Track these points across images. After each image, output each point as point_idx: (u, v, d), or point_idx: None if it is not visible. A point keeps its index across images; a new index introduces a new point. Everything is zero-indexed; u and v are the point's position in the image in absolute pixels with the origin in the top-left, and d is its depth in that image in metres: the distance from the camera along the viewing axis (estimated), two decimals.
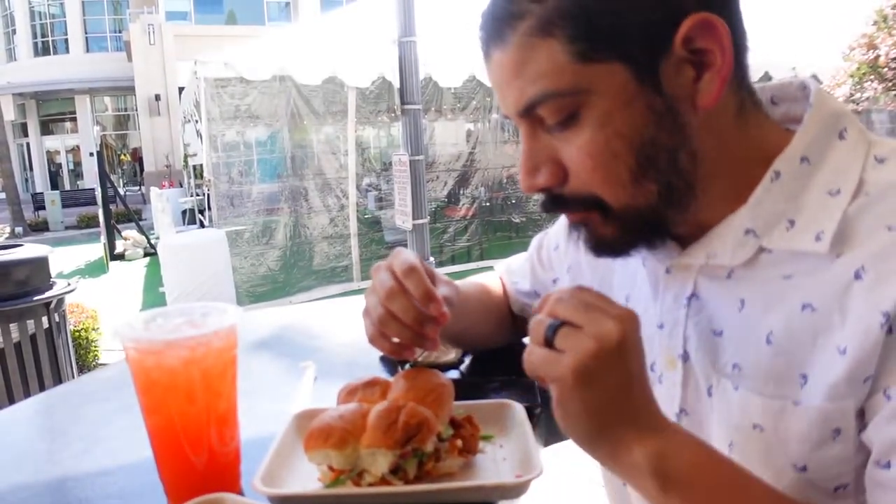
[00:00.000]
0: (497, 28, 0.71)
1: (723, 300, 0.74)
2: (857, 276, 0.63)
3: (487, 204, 9.67)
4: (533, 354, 0.65)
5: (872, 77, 7.66)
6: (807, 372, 0.66)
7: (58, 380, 3.42)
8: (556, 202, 0.75)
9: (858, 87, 7.83)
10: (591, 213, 0.73)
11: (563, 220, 1.13)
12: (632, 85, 0.67)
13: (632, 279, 0.89)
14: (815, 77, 8.70)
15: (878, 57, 7.50)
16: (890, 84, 7.64)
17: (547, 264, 1.15)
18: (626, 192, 0.70)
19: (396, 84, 4.54)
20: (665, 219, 0.73)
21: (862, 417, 0.64)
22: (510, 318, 1.25)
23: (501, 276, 1.28)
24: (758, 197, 0.71)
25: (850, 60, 7.94)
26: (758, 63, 8.12)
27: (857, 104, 8.24)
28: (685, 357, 0.78)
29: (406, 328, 0.86)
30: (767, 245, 0.70)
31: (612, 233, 0.74)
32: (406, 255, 0.89)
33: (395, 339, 0.88)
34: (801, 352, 0.67)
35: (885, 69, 7.47)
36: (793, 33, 8.71)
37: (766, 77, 7.16)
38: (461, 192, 9.27)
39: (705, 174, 0.71)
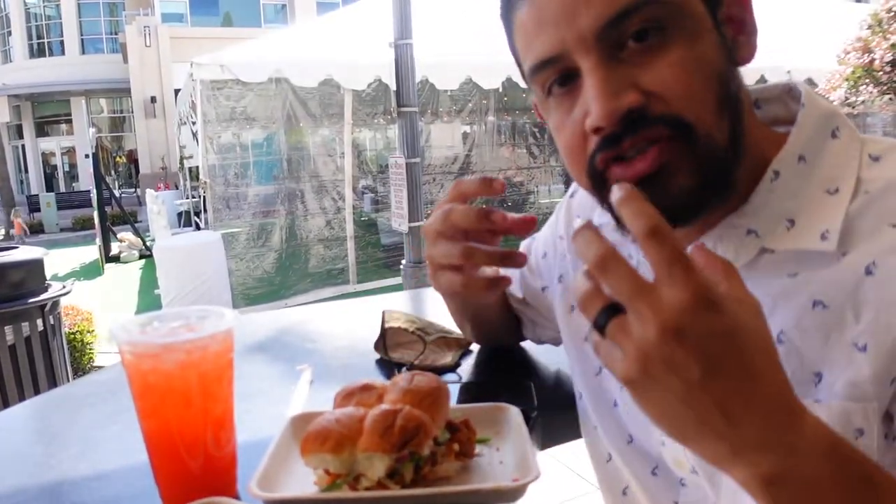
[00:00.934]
0: None
1: None
2: (868, 271, 0.63)
3: (484, 206, 9.67)
4: (598, 347, 0.55)
5: (867, 80, 7.68)
6: (821, 370, 0.65)
7: (52, 382, 3.41)
8: (636, 124, 0.66)
9: (854, 90, 7.85)
10: (672, 140, 0.66)
11: (549, 228, 1.12)
12: (706, 16, 0.67)
13: None
14: (810, 80, 8.72)
15: (872, 61, 7.52)
16: (885, 88, 7.66)
17: (536, 271, 1.13)
18: (713, 118, 0.66)
19: (393, 86, 4.54)
20: (730, 167, 0.69)
21: (889, 420, 0.63)
22: (514, 319, 1.24)
23: None
24: (758, 197, 0.71)
25: (845, 64, 7.95)
26: (753, 67, 8.13)
27: (853, 107, 8.25)
28: None
29: (486, 245, 0.83)
30: (769, 245, 0.70)
31: (688, 180, 0.67)
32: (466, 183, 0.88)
33: (481, 272, 0.85)
34: (813, 350, 0.66)
35: (880, 73, 7.49)
36: (788, 37, 8.73)
37: (762, 81, 7.18)
38: None
39: (743, 145, 0.71)
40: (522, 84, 0.79)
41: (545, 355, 1.32)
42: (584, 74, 0.67)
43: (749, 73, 0.74)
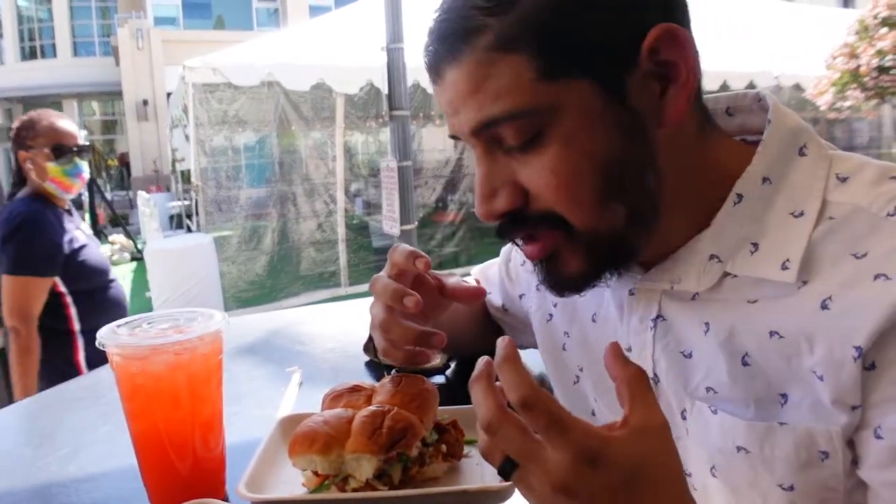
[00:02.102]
0: (450, 45, 0.66)
1: (689, 322, 0.73)
2: (824, 306, 0.62)
3: (474, 210, 9.68)
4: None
5: (854, 86, 7.72)
6: (786, 391, 0.65)
7: (44, 385, 3.39)
8: (516, 223, 0.70)
9: (840, 95, 7.90)
10: (555, 232, 0.68)
11: None
12: (598, 101, 0.64)
13: (598, 298, 0.86)
14: (798, 86, 8.78)
15: (859, 66, 7.57)
16: (871, 93, 7.71)
17: (514, 278, 1.12)
18: (592, 213, 0.67)
19: (385, 90, 4.54)
20: (631, 242, 0.70)
21: (852, 447, 0.63)
22: (491, 325, 1.23)
23: (478, 280, 1.25)
24: (721, 221, 0.70)
25: (832, 69, 8.00)
26: (741, 72, 8.21)
27: (840, 112, 8.31)
28: (655, 380, 0.76)
29: (411, 331, 0.83)
30: (731, 270, 0.69)
31: (579, 263, 0.70)
32: (398, 253, 0.86)
33: (407, 347, 0.84)
34: (777, 372, 0.66)
35: (867, 78, 7.54)
36: (776, 42, 8.79)
37: (751, 86, 7.22)
38: (449, 197, 9.27)
39: (669, 195, 0.69)
40: None
41: (532, 357, 1.33)
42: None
43: (737, 78, 0.74)
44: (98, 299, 2.57)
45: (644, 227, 0.69)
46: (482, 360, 0.58)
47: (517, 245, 0.75)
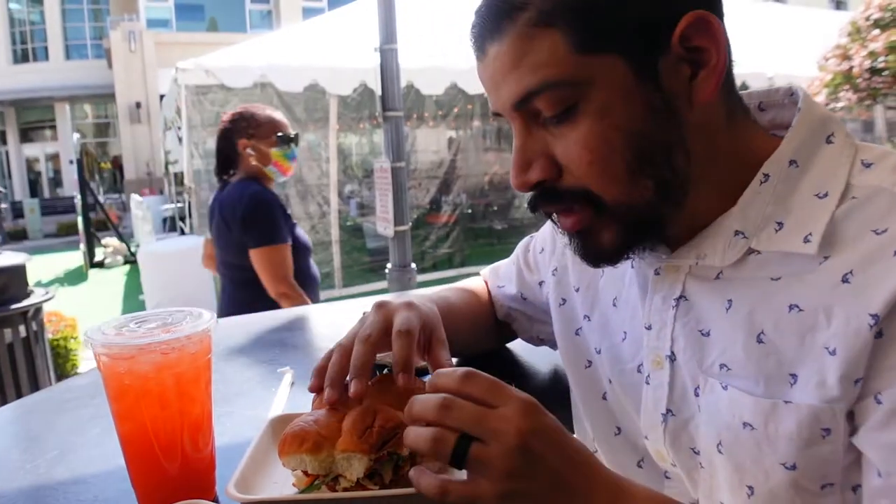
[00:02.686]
0: (495, 22, 0.70)
1: (711, 301, 0.75)
2: (845, 279, 0.64)
3: (469, 211, 9.70)
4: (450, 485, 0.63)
5: (846, 87, 7.75)
6: (796, 371, 0.67)
7: (35, 389, 3.38)
8: (547, 197, 0.74)
9: (833, 96, 7.92)
10: (585, 209, 0.72)
11: (550, 224, 1.13)
12: (630, 79, 0.67)
13: (620, 281, 0.89)
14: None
15: (851, 67, 7.60)
16: (863, 94, 7.74)
17: (534, 267, 1.15)
18: (622, 187, 0.70)
19: (378, 92, 4.54)
20: (660, 217, 0.73)
21: (851, 419, 0.64)
22: (495, 324, 1.24)
23: (486, 280, 1.28)
24: (747, 199, 0.72)
25: (825, 70, 8.03)
26: (735, 73, 8.20)
27: (833, 113, 8.34)
28: (672, 357, 0.78)
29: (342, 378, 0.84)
30: (756, 246, 0.71)
31: (610, 237, 0.73)
32: (406, 317, 0.89)
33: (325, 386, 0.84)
34: (789, 351, 0.67)
35: (859, 79, 7.57)
36: (770, 43, 8.82)
37: (744, 87, 7.25)
38: (443, 199, 9.29)
39: (697, 174, 0.72)
40: None
41: (526, 356, 1.33)
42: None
43: None
44: (303, 276, 2.76)
45: (673, 204, 0.72)
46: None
47: (553, 221, 0.79)
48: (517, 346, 1.33)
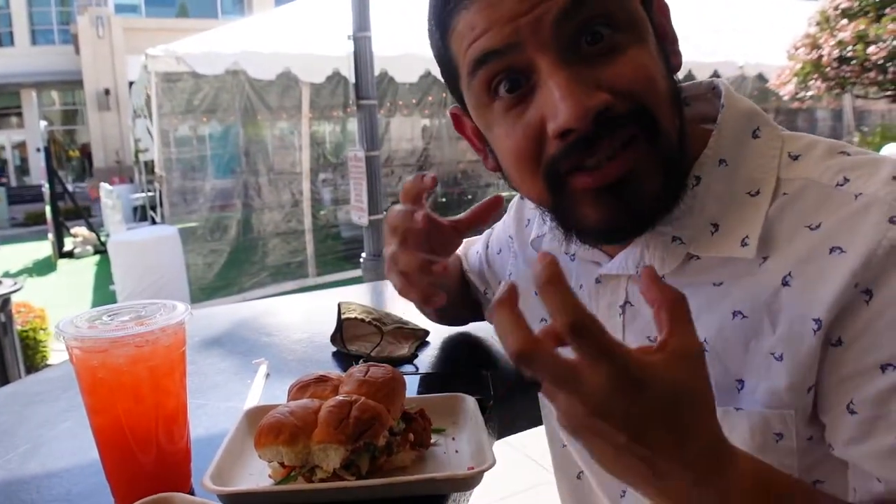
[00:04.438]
0: None
1: None
2: (785, 282, 0.64)
3: (443, 199, 9.70)
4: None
5: (815, 76, 7.86)
6: (743, 377, 0.67)
7: (4, 381, 3.33)
8: (609, 126, 0.64)
9: (803, 85, 8.02)
10: (640, 137, 0.65)
11: (502, 225, 1.13)
12: (648, 24, 0.69)
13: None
14: (761, 75, 8.91)
15: (821, 56, 7.69)
16: (832, 83, 7.85)
17: (492, 266, 1.14)
18: (670, 114, 0.68)
19: (352, 79, 4.51)
20: (682, 170, 0.70)
21: (810, 424, 0.64)
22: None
23: (461, 257, 1.26)
24: (682, 204, 0.71)
25: (794, 60, 8.12)
26: (707, 62, 8.31)
27: (802, 102, 8.45)
28: None
29: (414, 259, 0.85)
30: (695, 252, 0.71)
31: (655, 182, 0.67)
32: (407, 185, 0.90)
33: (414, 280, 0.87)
34: (735, 358, 0.68)
35: (828, 69, 7.67)
36: (740, 33, 8.91)
37: (715, 75, 7.31)
38: None
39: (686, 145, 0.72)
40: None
41: (502, 345, 1.34)
42: (542, 75, 0.65)
43: (702, 69, 0.76)
44: None
45: (684, 156, 0.70)
46: (505, 284, 0.53)
47: (556, 195, 0.70)
48: (485, 335, 1.33)
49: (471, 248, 1.24)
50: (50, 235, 11.34)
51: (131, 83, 12.33)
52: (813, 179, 0.67)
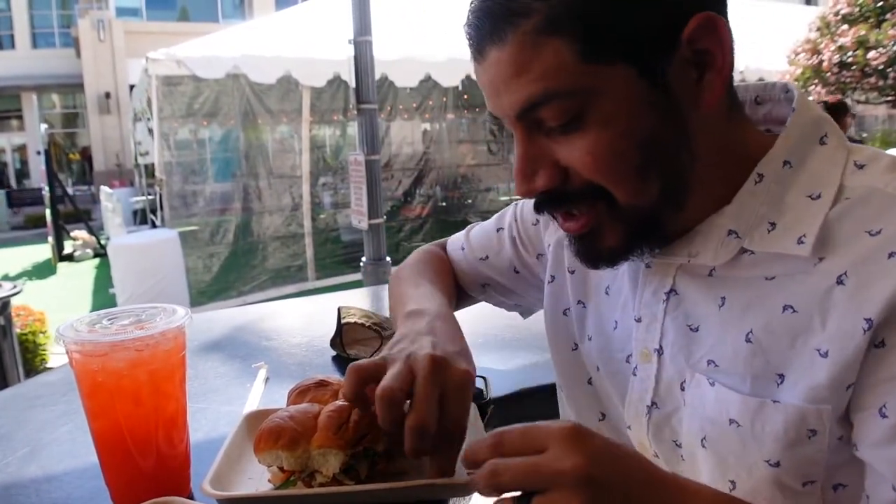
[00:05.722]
0: (495, 26, 0.67)
1: (703, 297, 0.75)
2: (840, 281, 0.64)
3: (443, 203, 9.70)
4: None
5: (816, 81, 7.88)
6: (784, 372, 0.67)
7: (3, 384, 3.33)
8: (555, 201, 0.73)
9: (803, 90, 8.05)
10: (594, 208, 0.71)
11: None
12: (637, 85, 0.66)
13: (613, 271, 0.88)
14: (761, 80, 8.91)
15: (821, 62, 7.72)
16: (832, 88, 7.87)
17: (527, 241, 1.08)
18: (633, 187, 0.69)
19: (352, 84, 4.52)
20: (664, 218, 0.72)
21: (842, 423, 0.65)
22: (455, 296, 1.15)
23: (451, 252, 1.19)
24: (741, 199, 0.72)
25: (795, 65, 8.15)
26: None
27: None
28: (660, 351, 0.79)
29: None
30: (749, 246, 0.71)
31: (614, 238, 0.73)
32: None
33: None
34: (779, 352, 0.68)
35: (828, 74, 7.69)
36: (742, 38, 8.91)
37: None
38: (417, 191, 9.28)
39: (699, 174, 0.71)
40: None
41: (500, 350, 1.34)
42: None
43: None
44: None
45: (676, 205, 0.72)
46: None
47: (555, 219, 0.77)
48: (483, 339, 1.33)
49: (477, 241, 1.15)
50: (50, 238, 11.33)
51: (132, 87, 12.35)
52: (877, 188, 0.67)
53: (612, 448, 0.58)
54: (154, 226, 9.89)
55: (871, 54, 7.19)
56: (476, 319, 1.29)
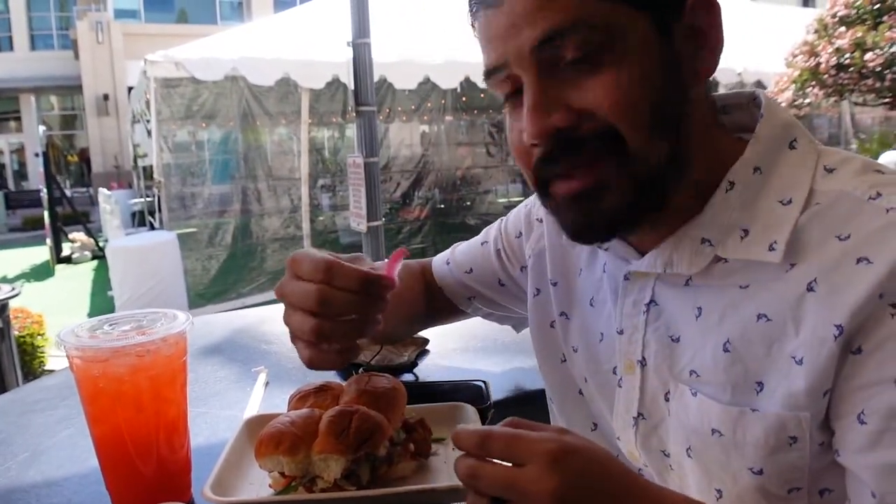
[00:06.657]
0: None
1: (680, 307, 0.76)
2: (810, 288, 0.65)
3: (442, 206, 9.70)
4: None
5: (814, 83, 7.87)
6: (762, 380, 0.68)
7: (2, 388, 3.32)
8: (568, 147, 0.69)
9: (801, 92, 8.04)
10: (606, 157, 0.68)
11: (523, 208, 1.08)
12: (651, 35, 0.67)
13: (598, 283, 0.88)
14: (759, 82, 8.93)
15: (819, 64, 7.71)
16: (830, 90, 7.86)
17: (511, 254, 1.09)
18: (646, 136, 0.68)
19: (351, 86, 4.51)
20: (669, 184, 0.71)
21: (822, 429, 0.65)
22: (424, 312, 1.17)
23: (434, 268, 1.18)
24: (713, 207, 0.72)
25: (792, 67, 8.14)
26: None
27: (800, 109, 8.46)
28: (643, 362, 0.79)
29: (348, 324, 0.77)
30: (722, 254, 0.71)
31: (618, 198, 0.69)
32: (310, 258, 0.82)
33: (336, 347, 0.78)
34: (756, 360, 0.68)
35: (826, 76, 7.68)
36: (739, 40, 8.93)
37: (714, 81, 7.32)
38: (415, 193, 9.28)
39: (687, 161, 0.71)
40: (481, 84, 0.79)
41: (501, 354, 1.34)
42: (524, 87, 0.70)
43: None
44: None
45: (678, 174, 0.71)
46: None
47: (545, 196, 0.75)
48: (483, 343, 1.33)
49: (461, 256, 1.17)
50: (48, 240, 11.32)
51: (130, 88, 12.35)
52: (846, 192, 0.67)
53: (592, 470, 0.59)
54: (152, 228, 9.89)
55: (869, 56, 7.18)
56: (475, 324, 1.29)
